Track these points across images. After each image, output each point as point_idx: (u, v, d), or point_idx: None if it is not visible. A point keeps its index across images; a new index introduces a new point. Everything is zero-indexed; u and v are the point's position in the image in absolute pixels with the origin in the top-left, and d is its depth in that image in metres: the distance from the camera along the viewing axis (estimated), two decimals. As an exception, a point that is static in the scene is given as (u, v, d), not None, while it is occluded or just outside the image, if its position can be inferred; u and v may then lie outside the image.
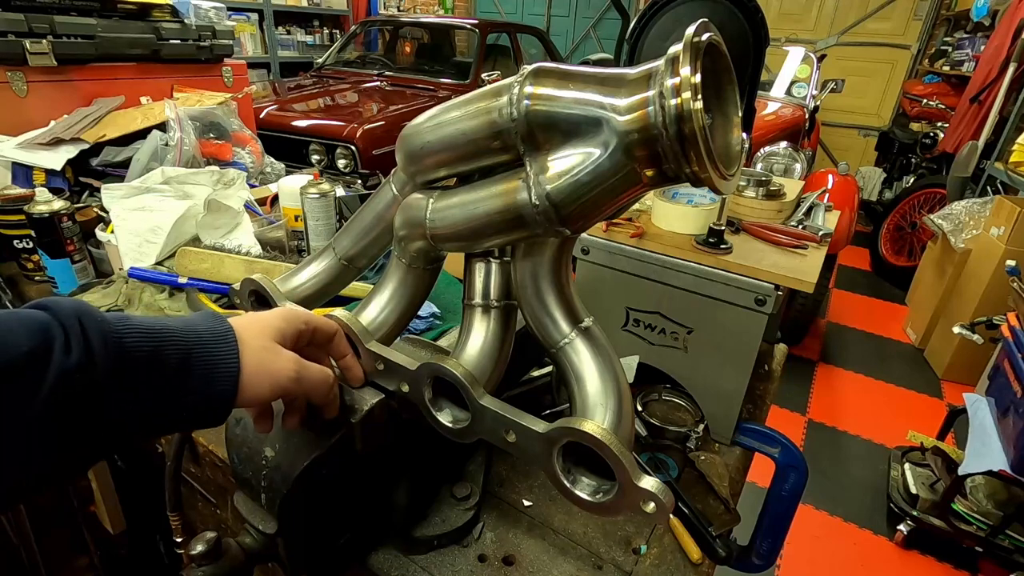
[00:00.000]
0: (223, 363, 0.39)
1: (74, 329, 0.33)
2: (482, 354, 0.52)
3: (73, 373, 0.32)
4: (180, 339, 0.38)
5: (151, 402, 0.36)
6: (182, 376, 0.37)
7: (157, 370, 0.36)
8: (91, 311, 0.35)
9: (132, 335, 0.36)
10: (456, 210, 0.49)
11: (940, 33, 4.76)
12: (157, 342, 0.36)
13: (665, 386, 0.84)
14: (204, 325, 0.40)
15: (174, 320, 0.39)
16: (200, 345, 0.38)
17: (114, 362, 0.34)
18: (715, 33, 0.38)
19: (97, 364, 0.33)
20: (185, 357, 0.37)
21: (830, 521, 1.99)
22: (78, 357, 0.32)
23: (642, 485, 0.38)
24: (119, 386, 0.34)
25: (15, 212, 1.05)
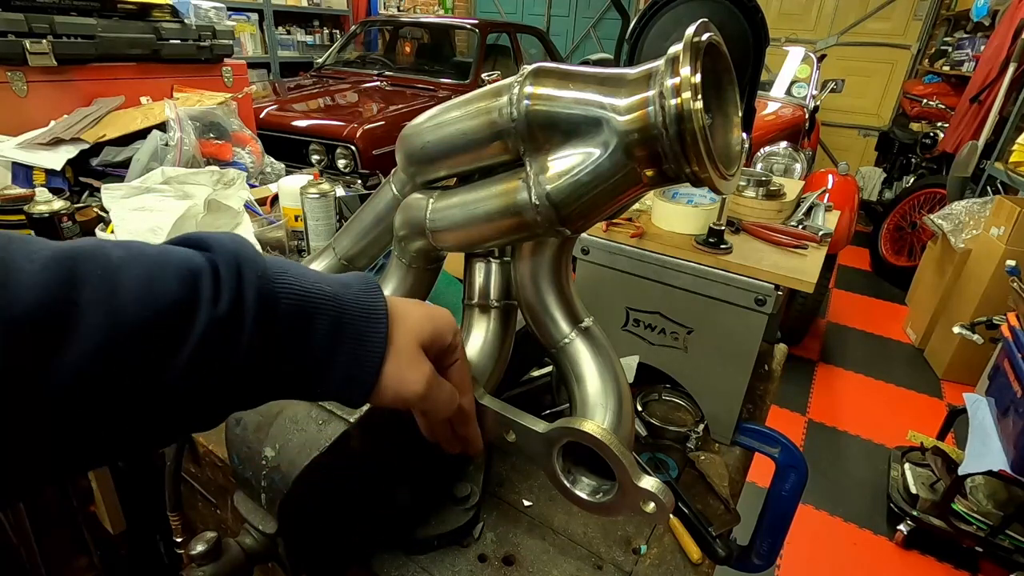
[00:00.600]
0: (370, 347, 0.36)
1: (228, 275, 0.30)
2: (482, 354, 0.52)
3: (221, 323, 0.29)
4: (333, 306, 0.34)
5: (292, 363, 0.33)
6: (329, 346, 0.34)
7: (305, 333, 0.33)
8: (252, 257, 0.32)
9: (287, 289, 0.32)
10: (456, 210, 0.49)
11: (940, 33, 4.76)
12: (312, 303, 0.33)
13: (665, 386, 0.84)
14: (358, 299, 0.36)
15: (331, 281, 0.35)
16: (352, 318, 0.35)
17: (263, 316, 0.31)
18: (715, 33, 0.38)
19: (246, 317, 0.30)
20: (335, 327, 0.34)
21: (830, 521, 1.99)
22: (228, 306, 0.29)
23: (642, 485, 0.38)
24: (262, 343, 0.31)
25: (15, 212, 1.05)
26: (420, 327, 0.38)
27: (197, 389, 0.29)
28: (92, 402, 0.26)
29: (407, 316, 0.38)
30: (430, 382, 0.38)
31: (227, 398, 0.32)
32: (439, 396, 0.39)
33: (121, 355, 0.26)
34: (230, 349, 0.30)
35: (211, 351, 0.29)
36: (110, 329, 0.26)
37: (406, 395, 0.37)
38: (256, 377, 0.32)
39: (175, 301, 0.28)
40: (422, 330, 0.38)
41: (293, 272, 0.34)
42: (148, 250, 0.29)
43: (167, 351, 0.28)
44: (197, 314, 0.28)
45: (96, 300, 0.26)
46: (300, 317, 0.33)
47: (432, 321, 0.39)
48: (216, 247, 0.32)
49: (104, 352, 0.25)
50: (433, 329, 0.39)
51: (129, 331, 0.26)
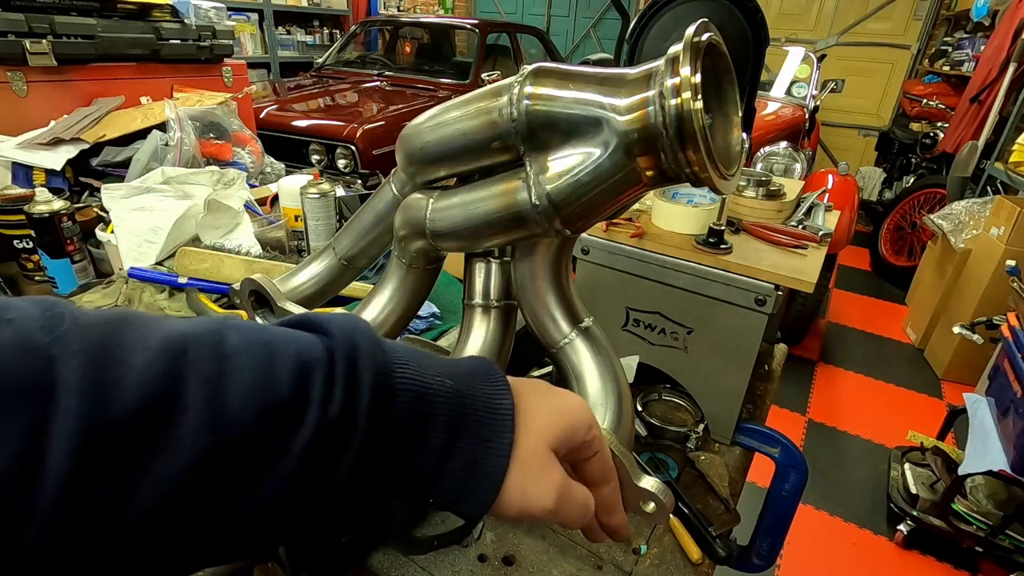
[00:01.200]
0: (492, 454, 0.31)
1: (343, 370, 0.26)
2: (482, 354, 0.52)
3: (331, 427, 0.25)
4: (451, 404, 0.30)
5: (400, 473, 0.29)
6: (444, 452, 0.29)
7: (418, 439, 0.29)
8: (371, 346, 0.28)
9: (405, 384, 0.28)
10: (456, 210, 0.49)
11: (940, 33, 4.76)
12: (428, 401, 0.29)
13: (665, 386, 0.84)
14: (480, 395, 0.31)
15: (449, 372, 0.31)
16: (472, 420, 0.30)
17: (375, 421, 0.27)
18: (715, 33, 0.38)
19: (358, 420, 0.26)
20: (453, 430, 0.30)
21: (830, 521, 1.99)
22: (339, 407, 0.26)
23: (642, 485, 0.38)
24: (369, 452, 0.27)
25: (15, 212, 1.05)
26: (551, 426, 0.33)
27: (300, 496, 0.26)
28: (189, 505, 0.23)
29: (536, 413, 0.33)
30: (561, 493, 0.33)
31: (330, 505, 0.28)
32: (572, 506, 0.34)
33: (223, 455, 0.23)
34: (334, 459, 0.26)
35: (316, 461, 0.25)
36: (214, 429, 0.23)
37: (532, 510, 0.32)
38: (363, 483, 0.28)
39: (284, 403, 0.25)
40: (553, 429, 0.33)
41: (414, 363, 0.30)
42: (264, 337, 0.26)
43: (270, 459, 0.24)
44: (306, 416, 0.25)
45: (202, 395, 0.23)
46: (416, 420, 0.29)
47: (564, 417, 0.34)
48: (335, 332, 0.28)
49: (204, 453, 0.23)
50: (565, 427, 0.34)
51: (231, 436, 0.23)
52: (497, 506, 0.31)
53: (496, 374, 0.34)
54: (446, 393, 0.30)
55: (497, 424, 0.31)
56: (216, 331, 0.25)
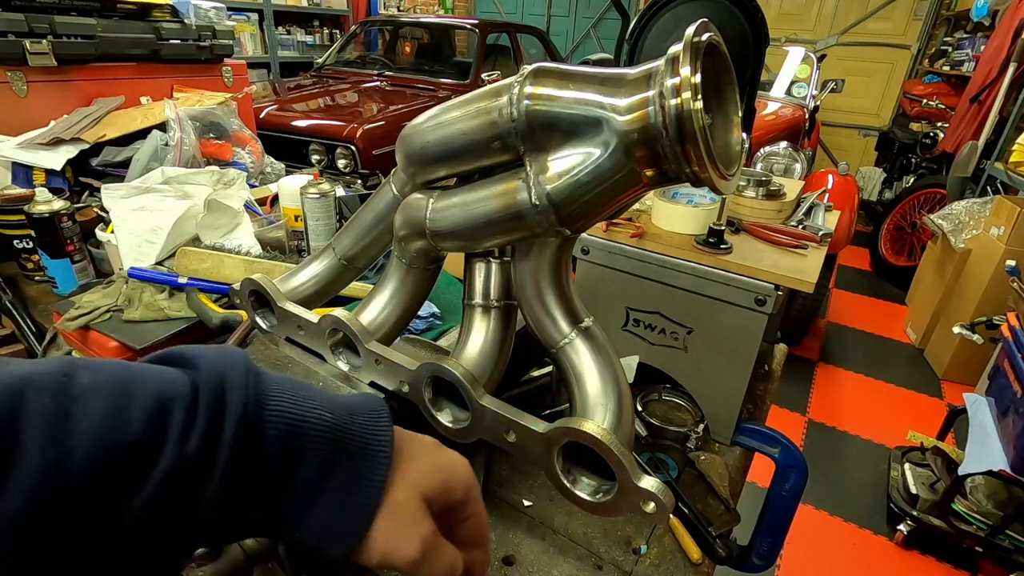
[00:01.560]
0: (364, 494, 0.30)
1: (207, 405, 0.26)
2: (482, 354, 0.52)
3: (188, 464, 0.25)
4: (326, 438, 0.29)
5: (264, 510, 0.28)
6: (312, 490, 0.29)
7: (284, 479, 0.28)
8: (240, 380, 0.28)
9: (277, 418, 0.28)
10: (456, 210, 0.49)
11: (940, 33, 4.76)
12: (303, 436, 0.29)
13: (665, 386, 0.84)
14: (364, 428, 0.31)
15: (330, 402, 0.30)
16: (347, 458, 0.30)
17: (239, 457, 0.27)
18: (715, 33, 0.38)
19: (220, 455, 0.26)
20: (324, 466, 0.29)
21: (830, 521, 1.99)
22: (198, 443, 0.25)
23: (642, 485, 0.38)
24: (233, 486, 0.27)
25: (15, 212, 1.05)
26: (428, 478, 0.33)
27: (152, 537, 0.25)
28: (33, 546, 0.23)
29: (415, 462, 0.33)
30: (427, 547, 0.32)
31: (186, 543, 0.27)
32: (437, 563, 0.33)
33: (63, 501, 0.23)
34: (195, 493, 0.26)
35: (172, 496, 0.25)
36: (53, 473, 0.23)
37: (395, 559, 0.31)
38: (223, 522, 0.28)
39: (135, 441, 0.24)
40: (430, 482, 0.33)
41: (289, 396, 0.29)
42: (122, 375, 0.26)
43: (120, 496, 0.24)
44: (161, 454, 0.25)
45: (38, 442, 0.23)
46: (286, 453, 0.28)
47: (443, 472, 0.34)
48: (203, 365, 0.28)
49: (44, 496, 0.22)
50: (442, 482, 0.34)
51: (76, 475, 0.23)
52: (361, 550, 0.30)
53: (382, 411, 0.33)
54: (322, 426, 0.29)
55: (373, 460, 0.31)
56: (64, 372, 0.25)
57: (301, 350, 0.59)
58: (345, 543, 0.30)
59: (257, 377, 0.29)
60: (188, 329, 0.86)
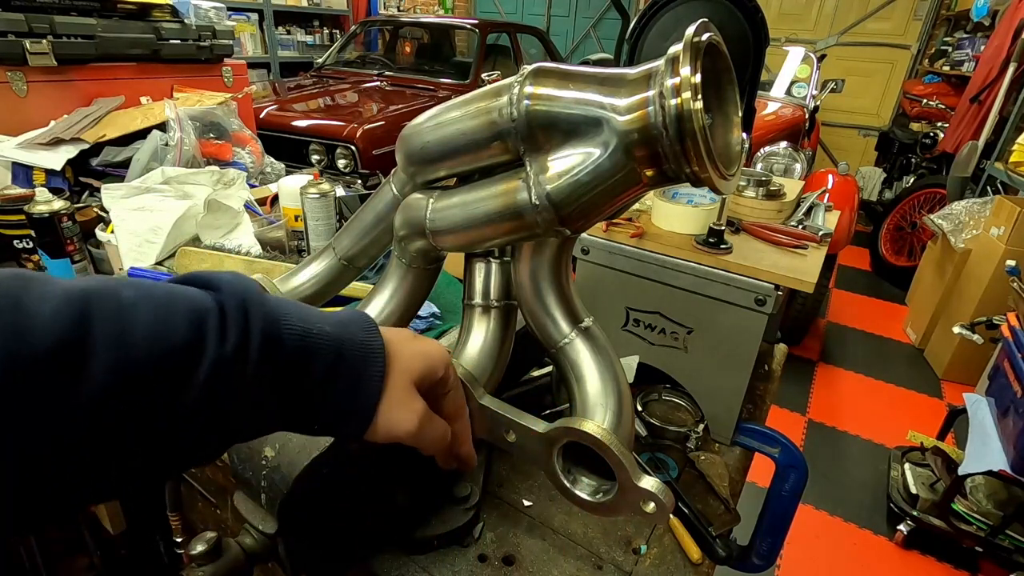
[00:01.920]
0: (368, 386, 0.37)
1: (235, 316, 0.31)
2: (482, 354, 0.52)
3: (227, 363, 0.30)
4: (333, 346, 0.35)
5: (293, 399, 0.35)
6: (329, 384, 0.35)
7: (305, 371, 0.35)
8: (258, 299, 0.33)
9: (290, 330, 0.34)
10: (456, 210, 0.49)
11: (940, 33, 4.76)
12: (312, 343, 0.35)
13: (665, 386, 0.84)
14: (357, 339, 0.37)
15: (330, 321, 0.37)
16: (351, 358, 0.36)
17: (267, 356, 0.32)
18: (715, 33, 0.38)
19: (250, 357, 0.32)
20: (335, 365, 0.35)
21: (830, 521, 1.99)
22: (233, 346, 0.31)
23: (642, 485, 0.38)
24: (265, 381, 0.33)
25: (15, 212, 1.05)
26: (412, 365, 0.40)
27: (204, 422, 0.31)
28: (107, 432, 0.27)
29: (401, 354, 0.39)
30: (422, 420, 0.40)
31: (232, 430, 0.33)
32: (431, 432, 0.41)
33: (132, 391, 0.27)
34: (236, 385, 0.31)
35: (218, 387, 0.30)
36: (121, 367, 0.27)
37: (398, 432, 0.39)
38: (259, 411, 0.34)
39: (184, 341, 0.29)
40: (414, 367, 0.40)
41: (296, 313, 0.35)
42: (157, 290, 0.31)
43: (176, 388, 0.29)
44: (204, 353, 0.30)
45: (107, 338, 0.27)
46: (302, 356, 0.34)
47: (425, 358, 0.41)
48: (224, 288, 0.33)
49: (115, 388, 0.27)
50: (425, 366, 0.40)
51: (139, 369, 0.28)
52: (372, 429, 0.38)
53: (369, 322, 0.39)
54: (326, 336, 0.35)
55: (370, 361, 0.37)
56: (112, 287, 0.29)
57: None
58: (357, 425, 0.37)
59: (269, 301, 0.35)
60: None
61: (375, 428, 0.38)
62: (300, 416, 0.36)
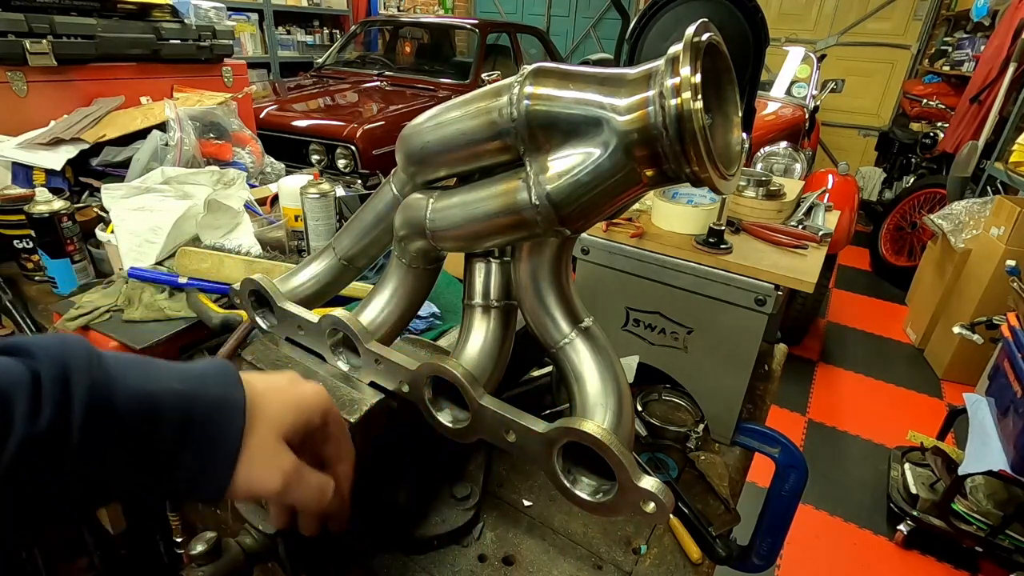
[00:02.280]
0: (222, 447, 0.34)
1: (51, 388, 0.29)
2: (482, 354, 0.52)
3: (39, 440, 0.28)
4: (181, 407, 0.32)
5: (138, 469, 0.32)
6: (178, 447, 0.32)
7: (147, 438, 0.32)
8: (84, 365, 0.30)
9: (126, 394, 0.31)
10: (456, 210, 0.49)
11: (940, 33, 4.76)
12: (155, 407, 0.32)
13: (665, 386, 0.84)
14: (212, 395, 0.35)
15: (183, 377, 0.34)
16: (202, 419, 0.33)
17: (94, 428, 0.29)
18: (715, 33, 0.38)
19: (71, 430, 0.29)
20: (183, 428, 0.33)
21: (830, 521, 1.99)
22: (49, 420, 0.28)
23: (642, 485, 0.38)
24: (97, 454, 0.30)
25: (15, 212, 1.05)
26: (281, 418, 0.37)
27: (25, 497, 0.28)
28: None
29: (269, 406, 0.37)
30: (288, 477, 0.37)
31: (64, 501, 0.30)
32: (300, 490, 0.38)
33: None
34: (56, 462, 0.29)
35: (31, 465, 0.28)
36: None
37: (261, 492, 0.36)
38: (99, 482, 0.31)
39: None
40: (283, 421, 0.37)
41: (137, 374, 0.32)
42: None
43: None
44: (11, 433, 0.27)
45: None
46: (142, 422, 0.31)
47: (297, 410, 0.38)
48: (40, 354, 0.30)
49: None
50: (296, 418, 0.38)
51: None
52: (230, 490, 0.35)
53: (229, 371, 0.36)
54: (173, 395, 0.32)
55: (226, 419, 0.34)
56: None
57: (301, 350, 0.59)
58: (214, 488, 0.35)
59: (100, 359, 0.31)
60: (188, 329, 0.86)
61: (234, 489, 0.35)
62: (151, 483, 0.33)
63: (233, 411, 0.35)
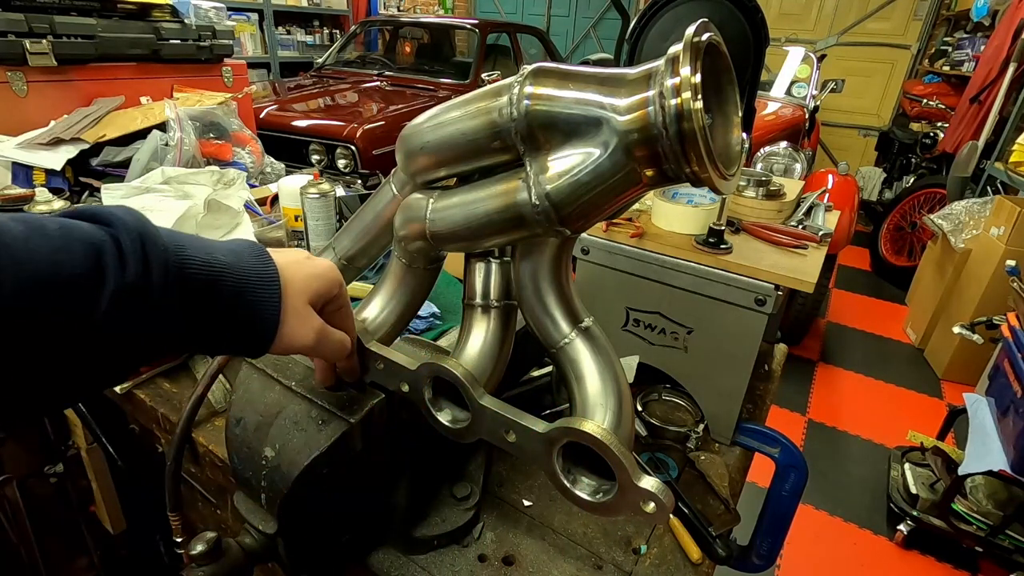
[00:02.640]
0: (267, 310, 0.41)
1: (134, 250, 0.33)
2: (482, 354, 0.52)
3: (129, 290, 0.33)
4: (233, 276, 0.39)
5: (199, 326, 0.38)
6: (231, 311, 0.39)
7: (211, 301, 0.37)
8: (154, 233, 0.35)
9: (192, 264, 0.36)
10: (456, 210, 0.49)
11: (940, 33, 4.76)
12: (214, 274, 0.38)
13: (665, 386, 0.84)
14: (253, 268, 0.40)
15: (224, 251, 0.39)
16: (250, 287, 0.39)
17: (172, 285, 0.35)
18: (715, 33, 0.38)
19: (153, 286, 0.34)
20: (237, 295, 0.39)
21: (830, 521, 1.99)
22: (134, 276, 0.33)
23: (642, 485, 0.38)
24: (173, 307, 0.35)
25: (15, 212, 1.05)
26: (307, 285, 0.43)
27: (115, 342, 0.34)
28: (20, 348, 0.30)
29: (295, 277, 0.43)
30: (319, 334, 0.44)
31: (140, 348, 0.36)
32: (328, 344, 0.46)
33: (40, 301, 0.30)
34: (139, 312, 0.34)
35: (121, 313, 0.33)
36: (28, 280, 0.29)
37: (299, 347, 0.43)
38: (164, 334, 0.36)
39: (81, 271, 0.31)
40: (309, 288, 0.44)
41: (191, 245, 0.38)
42: (49, 225, 0.32)
43: (83, 304, 0.31)
44: (105, 281, 0.32)
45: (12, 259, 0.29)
46: (205, 285, 0.37)
47: (318, 279, 0.44)
48: (117, 224, 0.34)
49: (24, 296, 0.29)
50: (319, 287, 0.44)
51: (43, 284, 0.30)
52: (275, 346, 0.42)
53: (262, 251, 0.42)
54: (222, 266, 0.38)
55: (266, 288, 0.40)
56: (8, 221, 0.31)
57: (301, 350, 0.59)
58: (262, 345, 0.41)
59: (162, 233, 0.36)
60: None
61: (278, 344, 0.42)
62: (205, 338, 0.39)
63: (271, 279, 0.41)
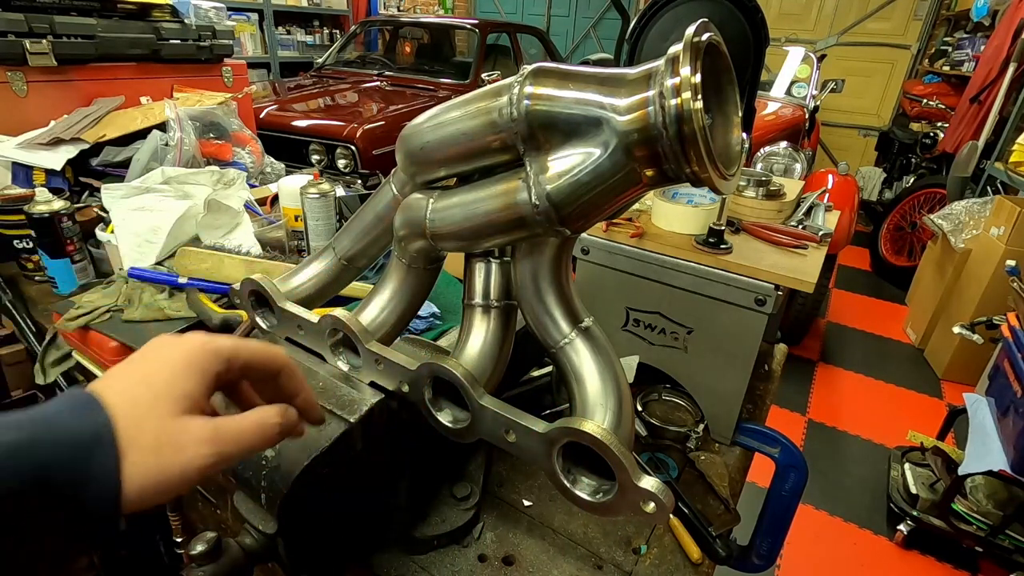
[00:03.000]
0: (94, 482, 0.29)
1: None
2: (482, 354, 0.52)
3: None
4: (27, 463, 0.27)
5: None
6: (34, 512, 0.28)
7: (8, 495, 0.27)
8: None
9: None
10: (456, 210, 0.49)
11: (940, 33, 4.76)
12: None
13: (665, 386, 0.84)
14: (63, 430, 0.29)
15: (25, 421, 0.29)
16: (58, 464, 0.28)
17: None
18: (715, 33, 0.38)
19: None
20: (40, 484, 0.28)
21: (830, 521, 1.98)
22: None
23: (642, 485, 0.38)
24: None
25: (15, 212, 1.05)
26: (166, 393, 0.32)
27: None
28: None
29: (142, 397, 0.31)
30: (212, 440, 0.32)
31: None
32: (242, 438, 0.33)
33: None
34: None
35: None
36: None
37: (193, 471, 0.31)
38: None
39: None
40: (170, 396, 0.32)
41: None
42: None
43: None
44: None
45: None
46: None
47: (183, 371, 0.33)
48: None
49: None
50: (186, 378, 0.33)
51: None
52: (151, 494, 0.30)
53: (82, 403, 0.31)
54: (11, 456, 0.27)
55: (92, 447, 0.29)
56: None
57: (301, 350, 0.59)
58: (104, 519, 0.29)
59: None
60: (188, 329, 0.86)
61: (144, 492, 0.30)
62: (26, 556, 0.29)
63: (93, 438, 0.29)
